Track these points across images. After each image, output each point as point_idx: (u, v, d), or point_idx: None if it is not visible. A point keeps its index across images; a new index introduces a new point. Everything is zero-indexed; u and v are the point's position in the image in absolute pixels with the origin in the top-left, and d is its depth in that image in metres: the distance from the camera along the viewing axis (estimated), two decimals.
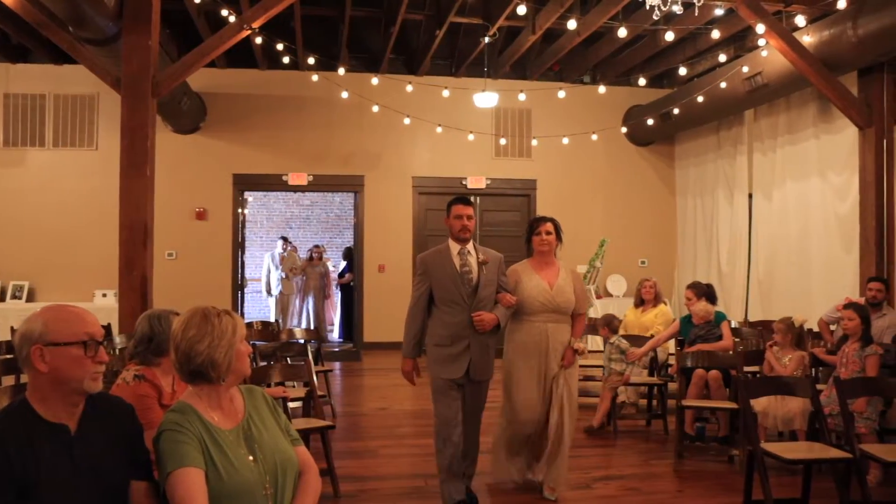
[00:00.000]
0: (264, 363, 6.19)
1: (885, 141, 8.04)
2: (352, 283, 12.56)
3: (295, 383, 6.48)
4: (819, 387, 5.26)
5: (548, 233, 4.87)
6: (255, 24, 7.09)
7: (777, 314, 8.52)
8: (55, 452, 2.08)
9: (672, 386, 6.64)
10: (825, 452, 4.32)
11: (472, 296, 4.51)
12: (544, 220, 4.95)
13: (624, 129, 11.99)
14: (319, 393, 5.62)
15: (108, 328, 7.32)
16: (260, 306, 14.62)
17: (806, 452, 4.41)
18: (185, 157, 11.08)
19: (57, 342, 2.11)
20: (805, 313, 7.46)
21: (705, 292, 7.17)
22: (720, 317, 6.73)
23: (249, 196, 13.44)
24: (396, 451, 6.11)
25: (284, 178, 11.58)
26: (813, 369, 6.07)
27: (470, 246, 4.64)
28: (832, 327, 7.22)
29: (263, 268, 13.44)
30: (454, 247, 4.62)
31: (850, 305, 5.57)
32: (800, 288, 9.36)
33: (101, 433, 2.20)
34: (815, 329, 7.40)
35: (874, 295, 6.80)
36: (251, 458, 2.33)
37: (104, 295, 10.50)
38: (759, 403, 5.38)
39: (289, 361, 6.48)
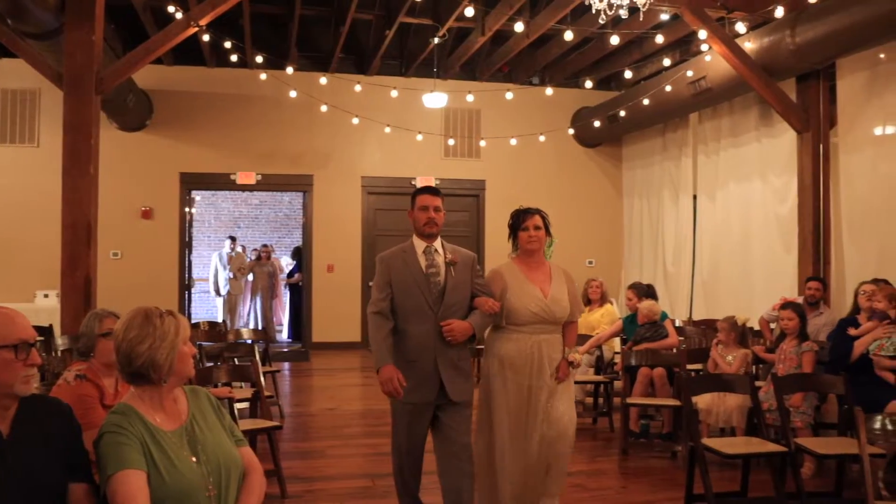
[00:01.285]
0: (211, 364, 6.12)
1: (821, 145, 8.29)
2: (300, 284, 12.48)
3: (242, 384, 6.43)
4: (759, 383, 5.40)
5: (536, 227, 4.10)
6: (203, 22, 7.00)
7: (720, 313, 8.73)
8: None
9: (617, 384, 6.76)
10: (762, 447, 4.45)
11: (439, 302, 3.84)
12: (531, 212, 4.16)
13: (571, 131, 12.14)
14: (267, 393, 5.58)
15: (49, 329, 7.16)
16: (207, 306, 14.44)
17: (744, 447, 4.54)
18: (131, 155, 10.88)
19: None
20: (747, 312, 7.69)
21: (646, 292, 7.33)
22: (663, 315, 6.87)
23: (197, 195, 13.26)
24: (344, 451, 6.09)
25: (233, 177, 11.45)
26: (754, 367, 6.24)
27: (437, 244, 3.96)
28: (772, 325, 7.41)
29: (211, 267, 13.27)
30: (419, 244, 3.94)
31: (787, 305, 5.74)
32: (742, 287, 9.60)
33: (36, 436, 2.16)
34: (757, 328, 7.61)
35: (812, 294, 7.00)
36: (194, 459, 2.31)
37: (46, 295, 10.26)
38: (702, 400, 5.51)
39: (236, 362, 6.42)
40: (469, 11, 7.11)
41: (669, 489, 4.94)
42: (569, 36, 7.81)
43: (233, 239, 13.35)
